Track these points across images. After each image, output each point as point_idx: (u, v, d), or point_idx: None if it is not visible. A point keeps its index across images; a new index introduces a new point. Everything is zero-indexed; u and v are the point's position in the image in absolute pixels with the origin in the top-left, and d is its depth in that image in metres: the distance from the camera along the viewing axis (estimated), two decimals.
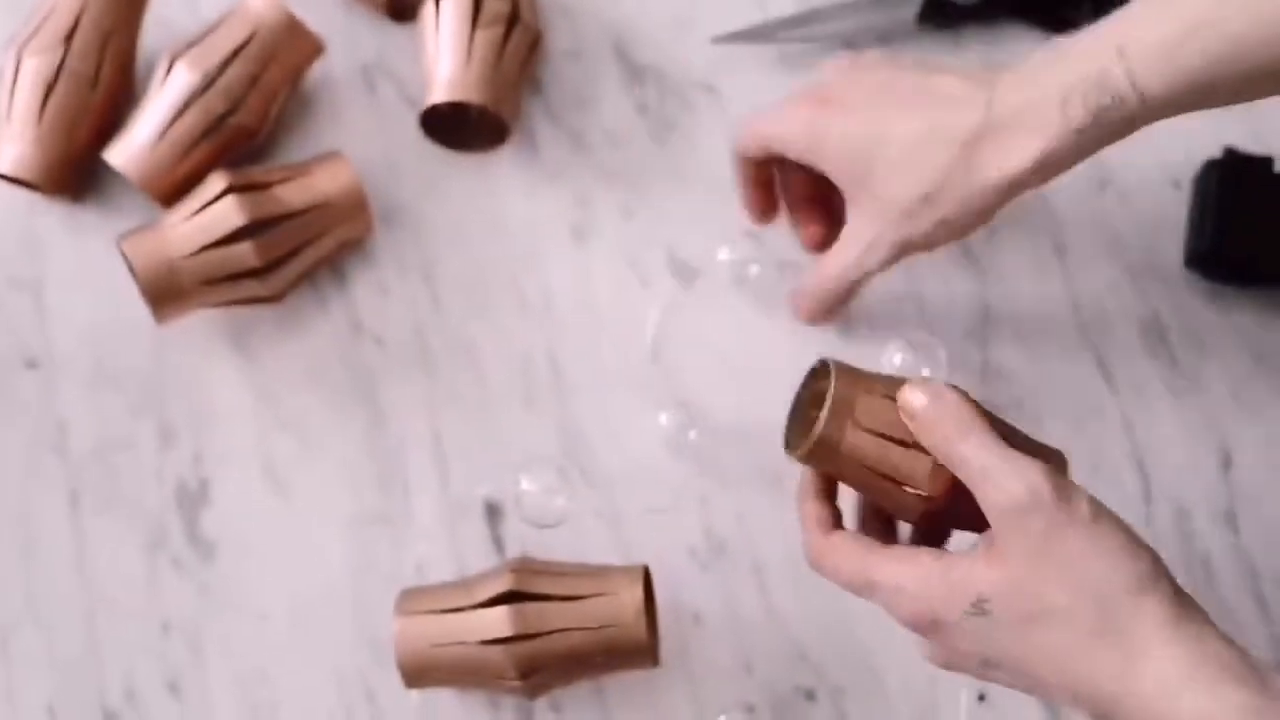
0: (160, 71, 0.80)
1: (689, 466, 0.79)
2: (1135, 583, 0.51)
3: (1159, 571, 0.52)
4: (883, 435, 0.58)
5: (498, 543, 0.78)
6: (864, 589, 0.58)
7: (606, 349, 0.82)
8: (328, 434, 0.80)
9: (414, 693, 0.74)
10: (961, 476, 0.55)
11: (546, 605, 0.68)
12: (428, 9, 0.82)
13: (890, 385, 0.59)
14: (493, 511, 0.78)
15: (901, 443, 0.58)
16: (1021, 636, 0.52)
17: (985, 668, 0.55)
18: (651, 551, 0.77)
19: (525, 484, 0.77)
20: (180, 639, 0.76)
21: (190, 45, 0.79)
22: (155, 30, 0.85)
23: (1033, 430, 0.60)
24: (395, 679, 0.70)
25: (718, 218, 0.84)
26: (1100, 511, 0.53)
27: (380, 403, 0.80)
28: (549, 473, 0.77)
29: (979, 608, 0.53)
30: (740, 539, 0.78)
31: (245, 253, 0.75)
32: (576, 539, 0.77)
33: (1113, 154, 0.85)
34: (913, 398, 0.57)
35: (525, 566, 0.70)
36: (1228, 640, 0.51)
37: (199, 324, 0.81)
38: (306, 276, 0.80)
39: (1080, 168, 0.85)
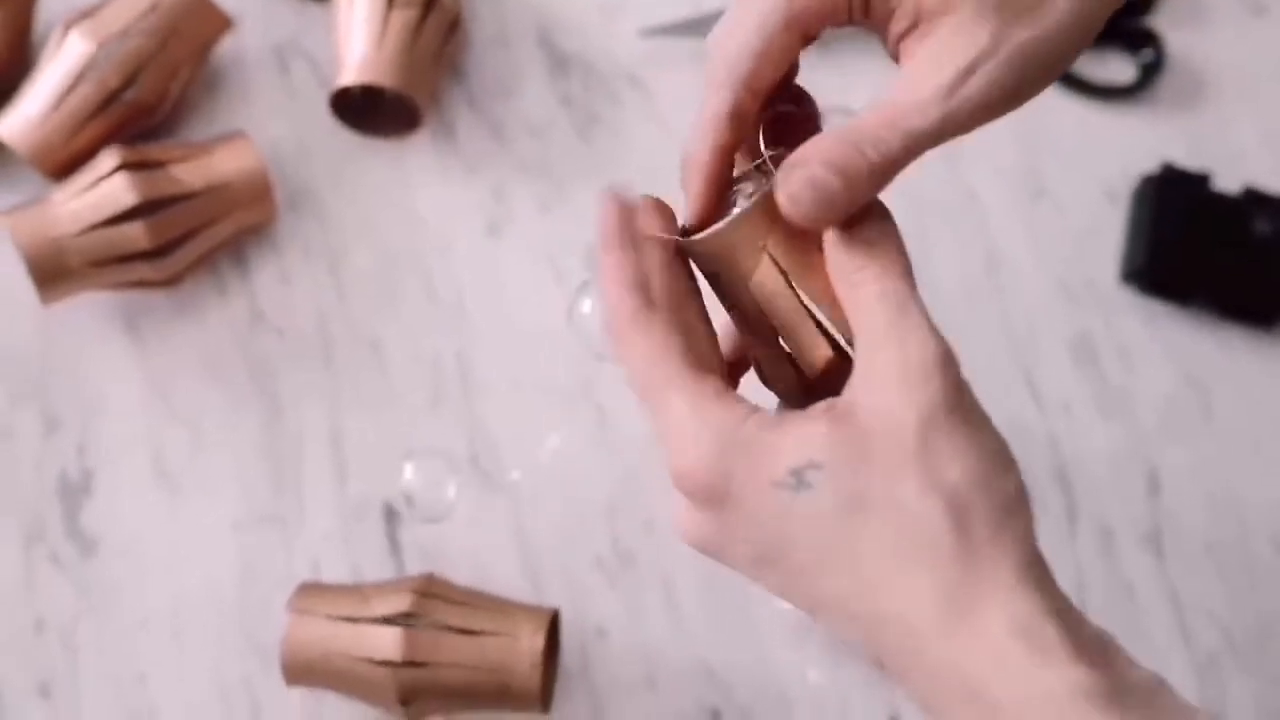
0: (54, 40, 0.76)
1: (598, 474, 0.75)
2: (1003, 503, 0.39)
3: (1024, 495, 0.41)
4: (802, 272, 0.44)
5: (395, 547, 0.74)
6: (650, 402, 0.43)
7: (517, 349, 0.78)
8: (221, 427, 0.76)
9: (298, 701, 0.70)
10: (861, 310, 0.42)
11: (441, 635, 0.65)
12: None
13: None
14: (391, 515, 0.75)
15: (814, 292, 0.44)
16: (838, 528, 0.39)
17: (756, 566, 0.42)
18: (556, 561, 0.73)
19: (409, 474, 0.73)
20: (54, 639, 0.72)
21: (86, 14, 0.75)
22: None
23: None
24: (282, 686, 0.67)
25: None
26: (980, 407, 0.42)
27: (278, 397, 0.77)
28: (435, 462, 0.73)
29: (799, 476, 0.39)
30: (649, 550, 0.75)
31: (136, 234, 0.71)
32: (479, 547, 0.74)
33: (1049, 164, 0.84)
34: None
35: (429, 588, 0.67)
36: (1069, 604, 0.40)
37: (88, 306, 0.77)
38: (204, 261, 0.77)
39: (1015, 177, 0.84)
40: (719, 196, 0.45)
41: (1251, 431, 0.79)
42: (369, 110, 0.81)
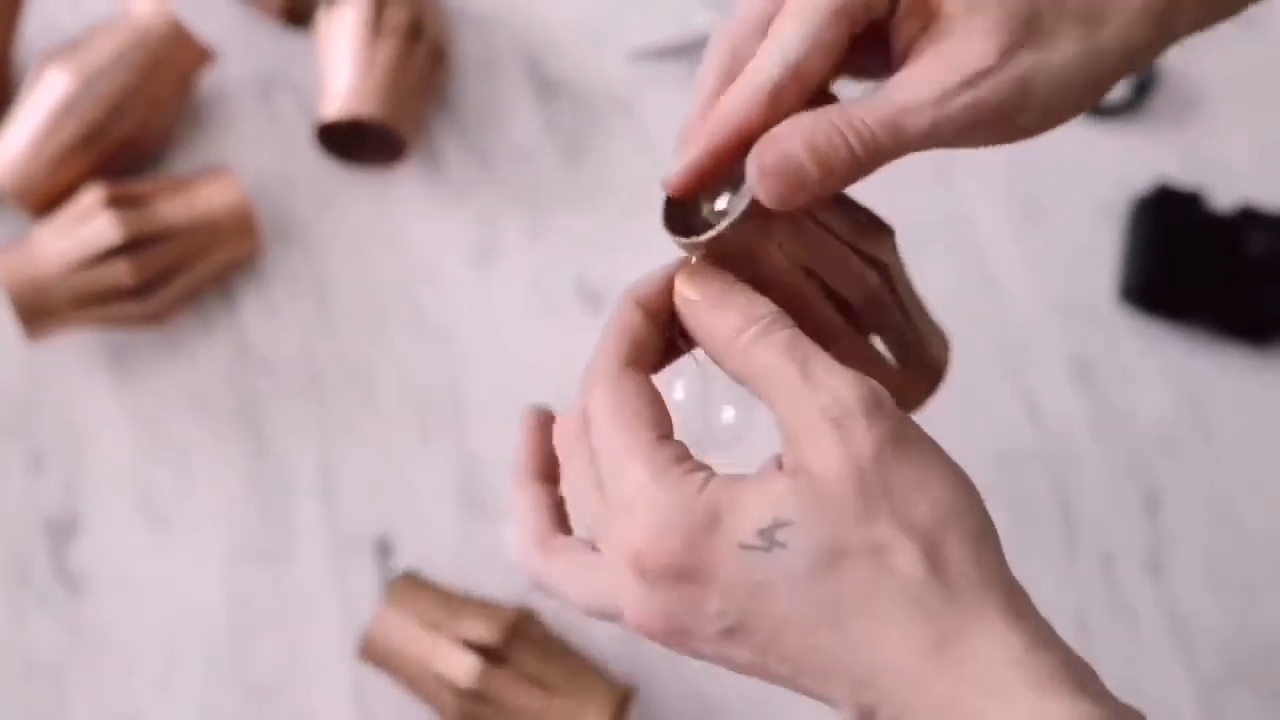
0: (33, 76, 0.75)
1: None
2: (974, 534, 0.38)
3: (991, 523, 0.40)
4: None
5: (391, 577, 0.73)
6: (609, 471, 0.40)
7: (509, 378, 0.77)
8: (209, 463, 0.75)
9: None
10: (756, 374, 0.40)
11: (515, 681, 0.65)
12: (323, 18, 0.78)
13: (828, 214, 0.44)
14: (383, 550, 0.74)
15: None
16: (816, 583, 0.37)
17: (727, 641, 0.38)
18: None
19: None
20: (43, 682, 0.71)
21: (68, 50, 0.75)
22: (37, 30, 0.81)
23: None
24: None
25: (628, 242, 0.80)
26: (930, 439, 0.40)
27: (266, 432, 0.76)
28: None
29: (769, 537, 0.37)
30: None
31: (120, 271, 0.70)
32: (474, 583, 0.73)
33: (1043, 182, 0.84)
34: (685, 287, 0.43)
35: (520, 626, 0.67)
36: (1052, 631, 0.39)
37: (73, 344, 0.76)
38: (190, 296, 0.76)
39: (1009, 196, 0.83)
40: (712, 174, 0.43)
41: (1250, 449, 0.78)
42: (355, 141, 0.80)
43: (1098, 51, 0.42)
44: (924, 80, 0.41)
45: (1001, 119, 0.42)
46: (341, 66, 0.76)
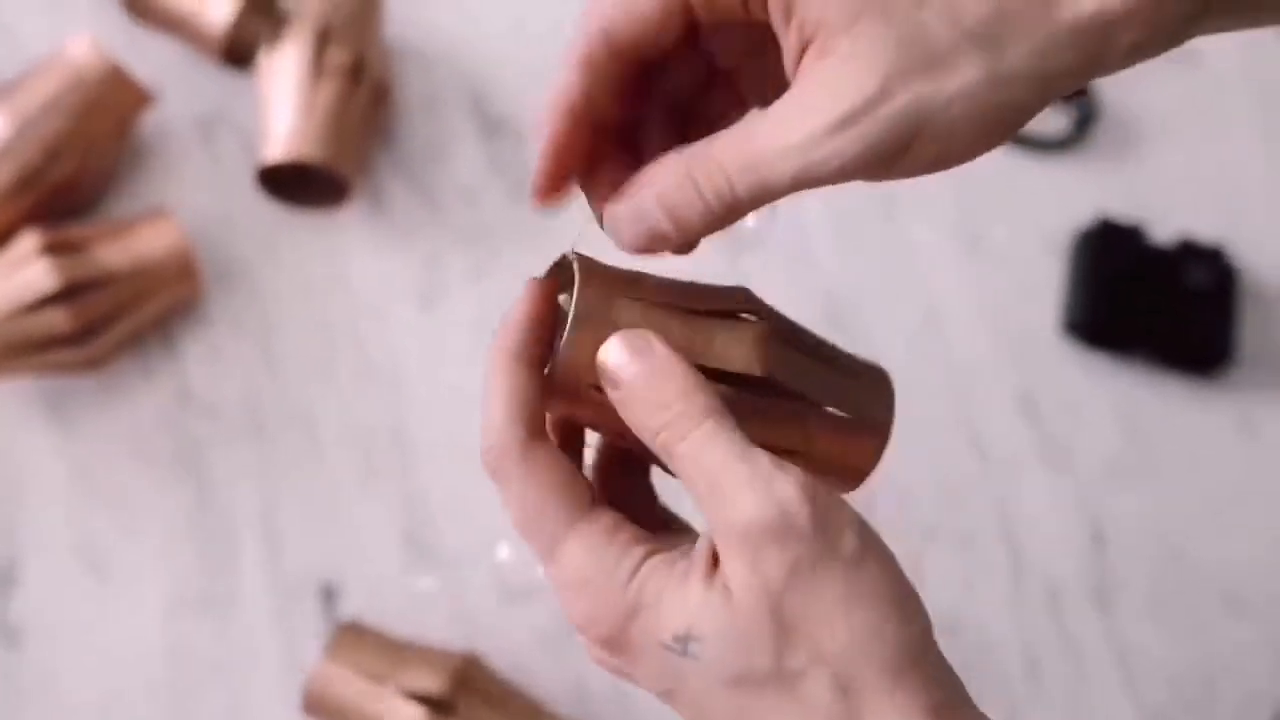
0: None
1: None
2: (894, 658, 0.37)
3: (927, 642, 0.38)
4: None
5: (332, 626, 0.72)
6: (540, 549, 0.40)
7: (455, 420, 0.77)
8: (149, 511, 0.74)
9: None
10: (680, 475, 0.39)
11: None
12: (264, 58, 0.77)
13: (672, 293, 0.42)
14: (327, 595, 0.73)
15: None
16: (729, 697, 0.38)
17: (664, 699, 0.40)
18: (502, 638, 0.72)
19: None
20: None
21: (3, 93, 0.74)
22: None
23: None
24: None
25: None
26: (868, 548, 0.37)
27: (208, 477, 0.75)
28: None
29: (681, 645, 0.38)
30: None
31: (58, 319, 0.69)
32: (423, 628, 0.72)
33: (987, 216, 0.84)
34: (612, 354, 0.39)
35: (467, 673, 0.67)
36: None
37: (9, 391, 0.75)
38: (130, 341, 0.75)
39: (953, 230, 0.84)
40: (567, 164, 0.41)
41: (1193, 480, 0.79)
42: (297, 182, 0.79)
43: (1007, 78, 0.36)
44: (793, 118, 0.37)
45: (883, 159, 0.37)
46: (283, 108, 0.75)
